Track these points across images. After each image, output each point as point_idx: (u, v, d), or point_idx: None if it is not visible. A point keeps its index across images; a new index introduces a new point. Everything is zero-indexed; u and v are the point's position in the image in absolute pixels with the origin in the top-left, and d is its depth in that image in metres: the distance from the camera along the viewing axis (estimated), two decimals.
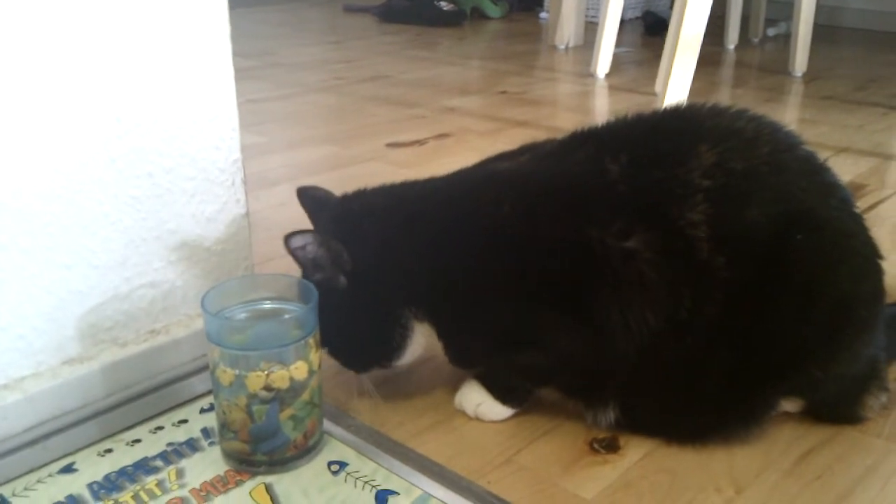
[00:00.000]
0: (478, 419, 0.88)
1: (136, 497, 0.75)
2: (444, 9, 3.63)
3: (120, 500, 0.75)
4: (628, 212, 0.77)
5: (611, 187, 0.78)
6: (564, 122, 2.16)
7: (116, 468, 0.79)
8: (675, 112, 0.87)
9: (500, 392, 0.87)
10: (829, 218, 0.80)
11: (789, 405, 0.87)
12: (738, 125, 0.82)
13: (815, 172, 0.83)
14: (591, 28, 3.10)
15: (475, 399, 0.88)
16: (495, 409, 0.87)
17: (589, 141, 0.84)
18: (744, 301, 0.77)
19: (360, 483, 0.77)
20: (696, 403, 0.82)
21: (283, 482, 0.77)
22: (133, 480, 0.77)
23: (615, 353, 0.79)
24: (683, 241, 0.76)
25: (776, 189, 0.79)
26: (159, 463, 0.80)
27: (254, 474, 0.78)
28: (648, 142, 0.81)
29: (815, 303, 0.78)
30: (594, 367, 0.81)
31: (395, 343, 0.85)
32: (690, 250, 0.76)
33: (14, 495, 0.75)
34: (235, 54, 0.87)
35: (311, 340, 0.77)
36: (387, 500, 0.75)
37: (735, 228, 0.77)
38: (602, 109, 2.36)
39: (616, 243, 0.76)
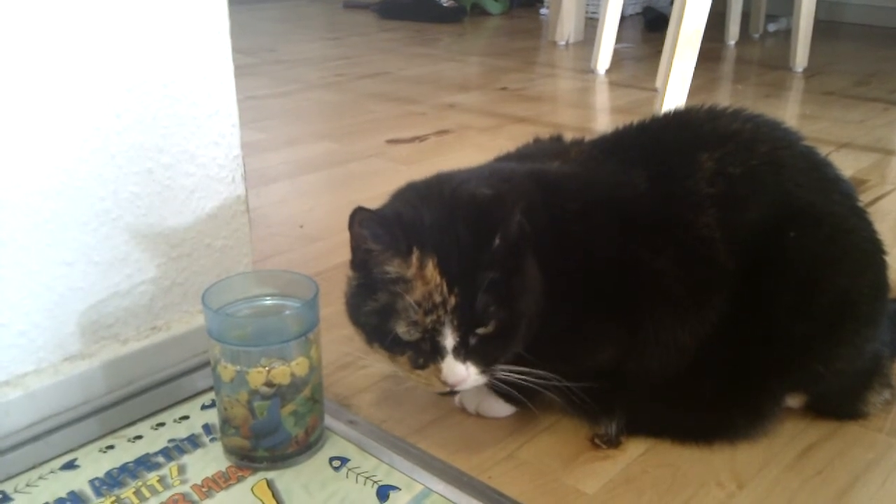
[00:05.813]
0: (479, 416, 0.88)
1: (137, 493, 0.75)
2: (444, 5, 3.62)
3: (122, 496, 0.75)
4: (656, 227, 0.78)
5: (641, 201, 0.79)
6: (565, 119, 2.15)
7: (118, 464, 0.79)
8: (675, 119, 0.87)
9: (502, 389, 0.87)
10: (828, 213, 0.80)
11: (792, 400, 0.87)
12: (734, 127, 0.83)
13: (814, 168, 0.83)
14: (591, 24, 3.09)
15: (476, 396, 0.88)
16: (497, 407, 0.87)
17: (614, 151, 0.85)
18: (749, 300, 0.78)
19: (361, 478, 0.77)
20: (704, 404, 0.82)
21: (284, 478, 0.77)
22: (135, 477, 0.77)
23: (643, 365, 0.80)
24: (704, 245, 0.78)
25: (774, 189, 0.80)
26: (161, 459, 0.80)
27: (255, 470, 0.78)
28: (657, 154, 0.82)
29: (814, 299, 0.79)
30: (617, 377, 0.81)
31: None
32: (711, 253, 0.78)
33: (16, 491, 0.75)
34: (235, 51, 0.87)
35: (311, 336, 0.77)
36: (388, 496, 0.75)
37: (739, 232, 0.78)
38: (602, 106, 2.36)
39: (649, 260, 0.77)
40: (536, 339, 0.76)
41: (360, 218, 0.72)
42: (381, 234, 0.72)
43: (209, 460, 0.80)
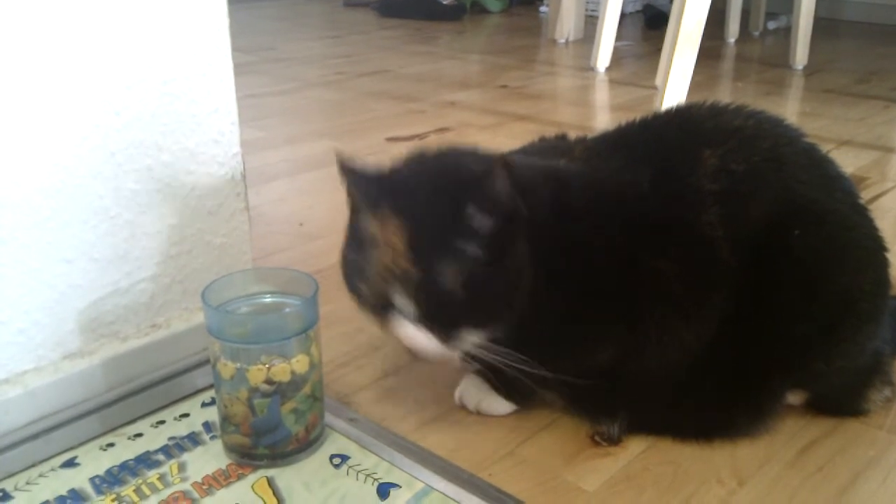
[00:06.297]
0: (479, 414, 0.88)
1: (137, 491, 0.75)
2: (444, 3, 3.62)
3: (122, 493, 0.75)
4: (658, 224, 0.78)
5: (643, 198, 0.79)
6: (565, 117, 2.15)
7: (118, 462, 0.79)
8: (677, 115, 0.87)
9: (503, 387, 0.87)
10: (830, 211, 0.80)
11: (792, 397, 0.87)
12: (737, 123, 0.83)
13: (816, 165, 0.83)
14: (591, 22, 3.09)
15: (477, 394, 0.88)
16: (497, 405, 0.87)
17: (617, 148, 0.84)
18: (751, 298, 0.78)
19: (361, 476, 0.77)
20: (704, 402, 0.82)
21: (284, 475, 0.77)
22: (135, 474, 0.77)
23: (644, 364, 0.80)
24: (706, 243, 0.77)
25: (776, 186, 0.79)
26: (161, 457, 0.80)
27: (256, 468, 0.78)
28: (660, 151, 0.82)
29: (815, 296, 0.78)
30: (618, 376, 0.81)
31: None
32: (713, 251, 0.77)
33: (16, 489, 0.75)
34: (235, 49, 0.86)
35: (312, 333, 0.77)
36: (388, 493, 0.75)
37: (741, 229, 0.78)
38: (603, 103, 2.36)
39: (650, 260, 0.77)
40: (536, 336, 0.76)
41: (346, 174, 0.75)
42: (361, 190, 0.74)
43: (209, 458, 0.80)
